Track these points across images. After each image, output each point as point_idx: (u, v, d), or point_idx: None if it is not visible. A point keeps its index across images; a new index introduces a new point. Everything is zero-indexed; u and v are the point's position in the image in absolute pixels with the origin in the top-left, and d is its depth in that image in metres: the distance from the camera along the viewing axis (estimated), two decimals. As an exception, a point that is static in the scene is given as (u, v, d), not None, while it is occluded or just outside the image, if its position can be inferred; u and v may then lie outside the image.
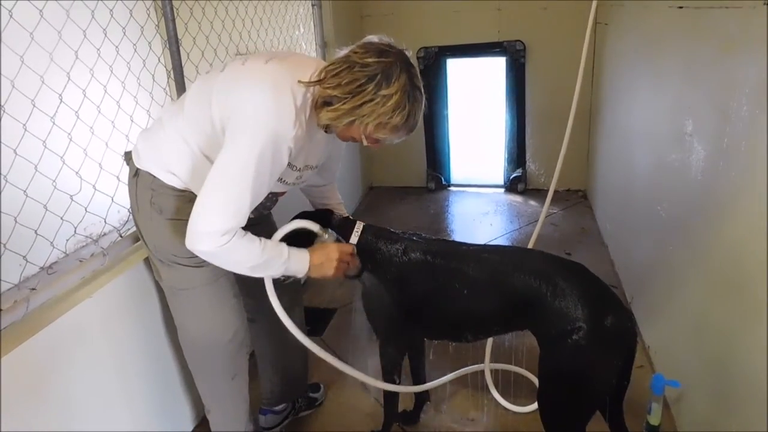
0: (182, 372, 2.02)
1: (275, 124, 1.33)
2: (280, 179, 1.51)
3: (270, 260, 1.44)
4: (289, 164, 1.45)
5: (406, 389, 1.92)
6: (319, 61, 1.49)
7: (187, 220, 1.38)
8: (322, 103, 1.38)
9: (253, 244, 1.41)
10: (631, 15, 2.87)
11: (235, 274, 1.64)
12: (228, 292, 1.66)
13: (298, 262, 1.51)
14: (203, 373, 1.74)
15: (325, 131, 1.52)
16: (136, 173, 1.52)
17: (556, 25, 4.03)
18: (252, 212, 1.43)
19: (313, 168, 1.62)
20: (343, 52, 1.39)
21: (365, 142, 1.46)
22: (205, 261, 1.52)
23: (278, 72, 1.40)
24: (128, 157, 1.58)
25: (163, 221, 1.51)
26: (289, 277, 1.67)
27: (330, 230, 1.64)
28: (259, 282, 1.77)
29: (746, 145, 1.46)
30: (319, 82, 1.37)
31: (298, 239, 1.59)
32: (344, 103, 1.33)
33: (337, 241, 1.64)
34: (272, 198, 1.66)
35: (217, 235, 1.33)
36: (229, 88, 1.41)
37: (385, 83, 1.32)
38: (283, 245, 1.50)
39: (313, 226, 1.61)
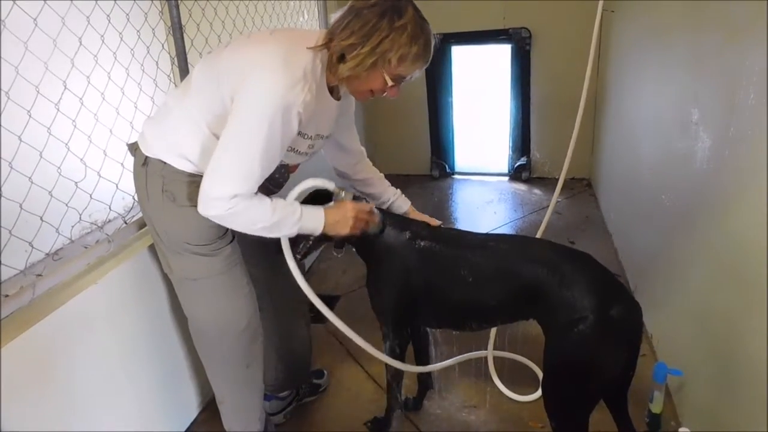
0: (188, 357, 2.03)
1: (284, 89, 1.32)
2: (292, 149, 1.49)
3: (283, 219, 1.44)
4: (300, 133, 1.44)
5: (413, 369, 1.91)
6: (323, 31, 1.49)
7: None
8: (338, 59, 1.39)
9: (264, 205, 1.40)
10: (637, 2, 2.84)
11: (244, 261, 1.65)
12: (241, 281, 1.65)
13: (312, 221, 1.50)
14: (217, 363, 1.72)
15: (335, 98, 1.52)
16: (145, 162, 1.49)
17: (561, 12, 3.99)
18: (263, 190, 1.44)
19: (324, 138, 1.60)
20: (338, 14, 1.40)
21: (387, 91, 1.45)
22: (218, 250, 1.54)
23: (284, 40, 1.41)
24: (134, 147, 1.55)
25: (176, 209, 1.49)
26: (306, 253, 1.69)
27: (347, 188, 1.63)
28: (264, 270, 1.78)
29: (752, 134, 1.45)
30: (328, 43, 1.38)
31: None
32: (363, 47, 1.34)
33: (355, 199, 1.63)
34: (284, 173, 1.65)
35: (226, 199, 1.33)
36: (236, 59, 1.40)
37: (396, 16, 1.34)
38: (297, 204, 1.49)
39: (327, 185, 1.61)
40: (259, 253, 1.73)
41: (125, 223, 1.81)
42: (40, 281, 1.44)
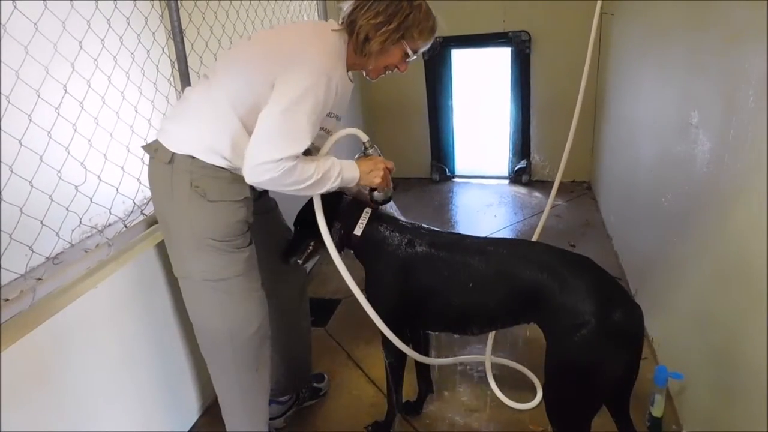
0: (189, 361, 2.03)
1: (327, 61, 1.47)
2: (322, 127, 1.56)
3: (326, 173, 1.52)
4: (329, 113, 1.53)
5: (418, 357, 1.89)
6: (332, 22, 1.61)
7: (230, 201, 1.50)
8: (363, 39, 1.53)
9: (309, 162, 1.48)
10: (636, 4, 2.85)
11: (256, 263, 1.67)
12: (256, 283, 1.66)
13: (350, 171, 1.59)
14: (226, 368, 1.71)
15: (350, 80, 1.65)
16: (171, 159, 1.50)
17: (561, 15, 4.00)
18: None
19: (339, 120, 1.67)
20: (351, 1, 1.54)
21: (399, 65, 1.63)
22: (240, 249, 1.57)
23: (312, 23, 1.54)
24: (153, 147, 1.55)
25: (205, 204, 1.50)
26: (308, 257, 1.77)
27: (375, 146, 1.71)
28: (268, 274, 1.78)
29: (752, 136, 1.45)
30: (352, 25, 1.53)
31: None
32: (390, 24, 1.51)
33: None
34: None
35: (275, 162, 1.39)
36: (272, 47, 1.52)
37: None
38: (333, 158, 1.57)
39: (362, 135, 1.68)
40: (262, 258, 1.73)
41: (125, 226, 1.80)
42: (40, 285, 1.44)
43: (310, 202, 1.79)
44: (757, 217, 1.41)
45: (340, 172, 1.54)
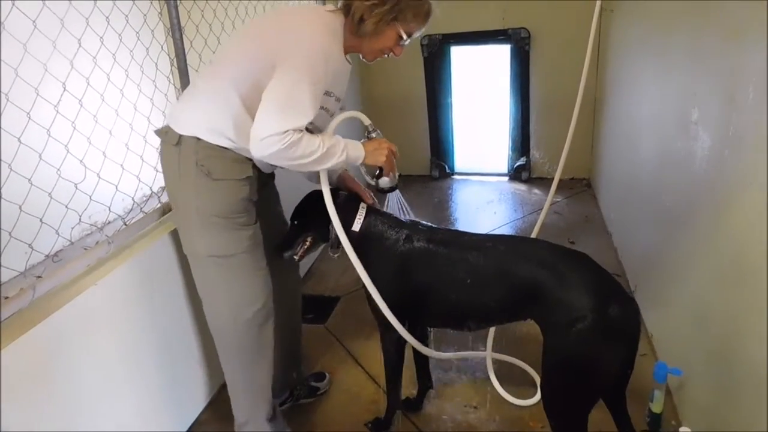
0: (189, 357, 2.04)
1: (326, 38, 1.52)
2: (322, 107, 1.59)
3: (331, 148, 1.55)
4: (327, 92, 1.58)
5: (420, 347, 1.88)
6: (329, 6, 1.66)
7: (233, 180, 1.57)
8: (359, 20, 1.57)
9: (314, 137, 1.52)
10: (637, 1, 2.85)
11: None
12: (261, 261, 1.71)
13: (354, 150, 1.62)
14: (231, 343, 1.74)
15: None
16: (178, 141, 1.56)
17: (560, 12, 3.99)
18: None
19: (339, 102, 1.70)
20: None
21: (394, 49, 1.65)
22: (245, 226, 1.62)
23: (308, 6, 1.58)
24: (164, 130, 1.61)
25: (210, 182, 1.56)
26: (303, 254, 1.80)
27: (377, 130, 1.73)
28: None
29: (752, 133, 1.45)
30: (347, 6, 1.57)
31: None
32: (384, 5, 1.54)
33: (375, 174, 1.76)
34: None
35: (280, 134, 1.43)
36: (270, 26, 1.58)
37: None
38: (338, 136, 1.60)
39: (364, 119, 1.72)
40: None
41: (125, 224, 1.80)
42: (40, 283, 1.44)
43: (308, 197, 1.79)
44: (756, 214, 1.41)
45: (345, 148, 1.58)
